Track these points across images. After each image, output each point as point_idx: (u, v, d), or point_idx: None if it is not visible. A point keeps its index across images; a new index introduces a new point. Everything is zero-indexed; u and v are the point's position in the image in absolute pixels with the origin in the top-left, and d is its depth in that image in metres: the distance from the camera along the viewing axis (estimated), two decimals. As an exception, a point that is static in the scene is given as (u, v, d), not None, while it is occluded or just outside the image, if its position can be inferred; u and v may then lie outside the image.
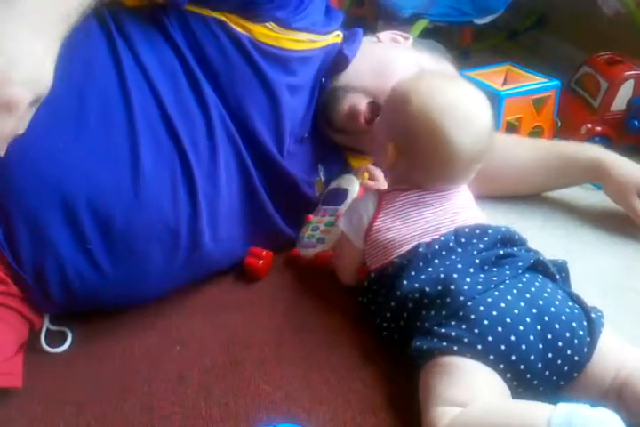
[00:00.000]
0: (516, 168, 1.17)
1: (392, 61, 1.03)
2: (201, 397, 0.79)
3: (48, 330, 0.87)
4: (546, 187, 1.21)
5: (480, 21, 1.79)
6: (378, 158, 0.94)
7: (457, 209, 0.88)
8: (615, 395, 0.72)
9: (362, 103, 1.00)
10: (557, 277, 0.81)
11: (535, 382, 0.72)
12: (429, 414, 0.68)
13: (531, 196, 1.22)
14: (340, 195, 1.04)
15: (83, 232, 0.80)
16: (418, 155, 0.85)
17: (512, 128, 1.39)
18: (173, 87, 0.87)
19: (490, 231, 0.84)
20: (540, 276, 0.79)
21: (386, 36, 1.12)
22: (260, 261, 0.99)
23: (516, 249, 0.83)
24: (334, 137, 1.06)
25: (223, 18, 0.90)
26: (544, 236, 1.07)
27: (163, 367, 0.83)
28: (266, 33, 0.92)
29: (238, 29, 0.91)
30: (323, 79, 1.01)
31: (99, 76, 0.84)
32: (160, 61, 0.87)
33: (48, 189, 0.79)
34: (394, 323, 0.83)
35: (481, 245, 0.82)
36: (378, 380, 0.80)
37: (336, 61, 1.02)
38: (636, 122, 1.37)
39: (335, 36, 1.05)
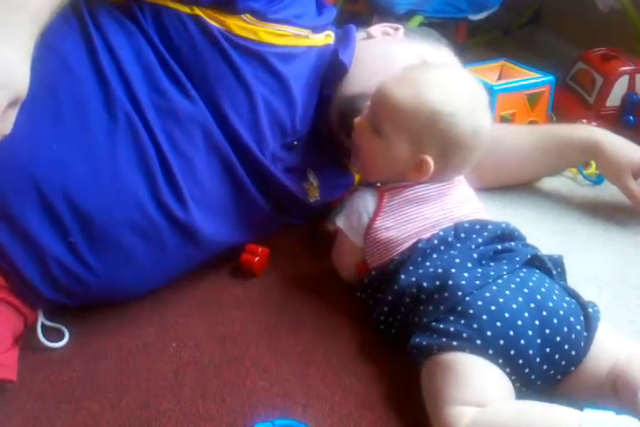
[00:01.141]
0: (514, 156, 1.17)
1: (394, 58, 1.00)
2: (198, 393, 0.79)
3: (44, 326, 0.86)
4: (544, 171, 1.22)
5: (475, 17, 1.79)
6: (385, 172, 0.89)
7: (456, 204, 0.88)
8: (610, 388, 0.72)
9: None
10: (554, 272, 0.82)
11: (533, 377, 0.72)
12: (445, 414, 0.68)
13: (526, 191, 1.23)
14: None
15: (64, 226, 0.80)
16: (457, 155, 0.86)
17: (506, 123, 1.38)
18: (149, 81, 0.86)
19: (490, 227, 0.84)
20: (537, 271, 0.80)
21: (376, 30, 1.08)
22: (256, 258, 0.99)
23: (513, 244, 0.83)
24: (348, 143, 1.00)
25: (198, 12, 0.88)
26: (539, 231, 1.07)
27: (159, 364, 0.83)
28: (242, 25, 0.89)
29: (213, 23, 0.88)
30: (325, 90, 0.98)
31: (75, 71, 0.83)
32: (135, 55, 0.87)
33: (25, 185, 0.79)
34: (391, 317, 0.83)
35: (480, 240, 0.82)
36: (375, 376, 0.81)
37: (333, 69, 0.99)
38: (631, 117, 1.38)
39: (326, 37, 1.01)
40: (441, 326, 0.74)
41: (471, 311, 0.73)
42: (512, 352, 0.71)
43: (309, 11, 0.98)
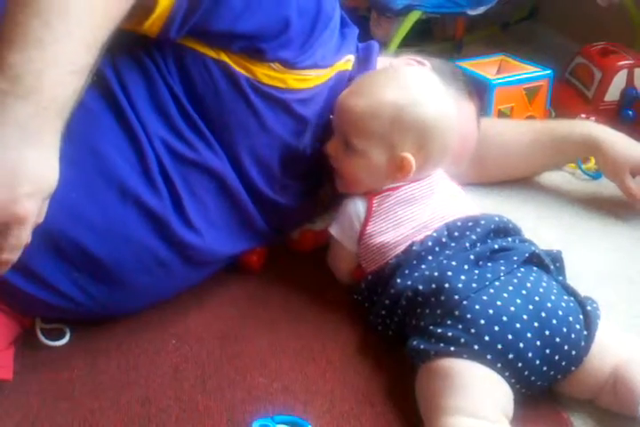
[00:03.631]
0: (514, 152, 1.18)
1: None
2: (197, 390, 0.79)
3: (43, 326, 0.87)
4: (543, 166, 1.23)
5: (473, 12, 1.79)
6: (371, 182, 0.89)
7: (444, 201, 0.88)
8: (611, 389, 0.72)
9: None
10: (552, 267, 0.81)
11: (533, 378, 0.72)
12: (441, 423, 0.67)
13: (525, 186, 1.23)
14: None
15: (69, 262, 0.79)
16: (434, 142, 0.86)
17: (504, 117, 1.39)
18: (169, 128, 0.83)
19: (482, 222, 0.84)
20: (535, 268, 0.79)
21: (400, 64, 1.01)
22: (255, 255, 0.99)
23: (510, 240, 0.83)
24: None
25: (225, 58, 0.83)
26: (538, 226, 1.07)
27: (159, 361, 0.83)
28: (270, 74, 0.83)
29: (240, 71, 0.83)
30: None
31: (94, 115, 0.80)
32: (154, 102, 0.83)
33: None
34: (388, 319, 0.83)
35: (474, 237, 0.82)
36: (374, 371, 0.81)
37: None
38: (630, 112, 1.38)
39: (346, 62, 0.94)
40: (439, 330, 0.73)
41: (469, 316, 0.72)
42: (511, 356, 0.70)
43: (334, 45, 0.90)
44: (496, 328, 0.71)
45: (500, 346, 0.70)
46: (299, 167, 0.94)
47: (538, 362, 0.71)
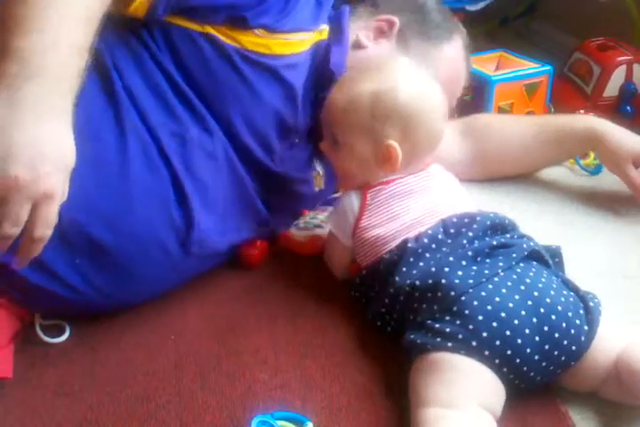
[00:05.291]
0: (515, 148, 1.18)
1: None
2: (197, 386, 0.79)
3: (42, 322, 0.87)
4: (545, 162, 1.23)
5: (472, 8, 1.79)
6: (361, 174, 0.90)
7: (441, 196, 0.88)
8: (614, 380, 0.72)
9: None
10: (551, 262, 0.81)
11: (532, 374, 0.72)
12: (420, 413, 0.68)
13: (524, 181, 1.23)
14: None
15: (73, 249, 0.80)
16: (419, 127, 0.86)
17: (504, 114, 1.38)
18: (163, 108, 0.85)
19: (478, 219, 0.83)
20: (535, 264, 0.79)
21: (368, 36, 1.02)
22: (255, 251, 0.99)
23: (508, 236, 0.82)
24: None
25: (210, 30, 0.86)
26: (537, 222, 1.07)
27: (158, 357, 0.83)
28: (255, 41, 0.87)
29: (227, 41, 0.86)
30: (321, 94, 0.95)
31: (88, 101, 0.80)
32: (145, 80, 0.85)
33: None
34: (387, 316, 0.83)
35: (470, 234, 0.81)
36: (373, 367, 0.81)
37: (324, 74, 0.96)
38: (629, 107, 1.38)
39: (321, 32, 0.97)
40: (437, 325, 0.73)
41: (467, 312, 0.72)
42: (509, 352, 0.70)
43: (311, 12, 0.95)
44: (494, 324, 0.71)
45: (498, 342, 0.70)
46: (294, 139, 0.96)
47: (537, 358, 0.71)
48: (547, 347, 0.71)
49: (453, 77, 1.06)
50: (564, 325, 0.72)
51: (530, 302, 0.73)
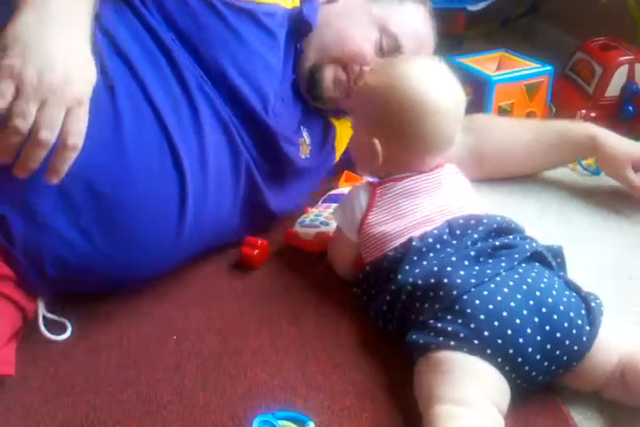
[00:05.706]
0: (516, 151, 1.19)
1: (351, 31, 1.04)
2: (198, 386, 0.79)
3: (45, 318, 0.86)
4: (545, 165, 1.24)
5: (474, 8, 1.79)
6: (365, 163, 0.92)
7: (450, 197, 0.87)
8: (618, 381, 0.72)
9: (340, 74, 1.04)
10: (553, 263, 0.81)
11: (534, 373, 0.72)
12: (433, 410, 0.68)
13: (526, 182, 1.23)
14: (342, 195, 1.04)
15: (78, 211, 0.80)
16: (407, 135, 0.85)
17: (505, 114, 1.39)
18: (148, 58, 0.88)
19: (485, 221, 0.83)
20: (537, 264, 0.79)
21: None
22: (256, 251, 0.99)
23: (511, 237, 0.82)
24: (315, 104, 1.09)
25: None
26: (540, 221, 1.07)
27: (160, 357, 0.83)
28: None
29: None
30: (298, 45, 1.03)
31: None
32: (131, 33, 0.88)
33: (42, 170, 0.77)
34: (389, 314, 0.83)
35: (475, 236, 0.81)
36: (375, 367, 0.81)
37: (299, 26, 1.03)
38: (631, 107, 1.38)
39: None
40: (439, 324, 0.73)
41: (469, 311, 0.72)
42: (510, 351, 0.70)
43: None
44: (496, 323, 0.71)
45: (499, 341, 0.71)
46: (283, 94, 1.01)
47: (538, 357, 0.71)
48: (548, 346, 0.71)
49: (414, 34, 1.07)
50: (565, 325, 0.72)
51: (531, 302, 0.73)
